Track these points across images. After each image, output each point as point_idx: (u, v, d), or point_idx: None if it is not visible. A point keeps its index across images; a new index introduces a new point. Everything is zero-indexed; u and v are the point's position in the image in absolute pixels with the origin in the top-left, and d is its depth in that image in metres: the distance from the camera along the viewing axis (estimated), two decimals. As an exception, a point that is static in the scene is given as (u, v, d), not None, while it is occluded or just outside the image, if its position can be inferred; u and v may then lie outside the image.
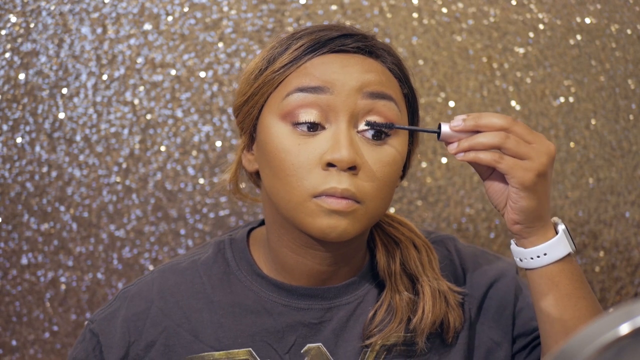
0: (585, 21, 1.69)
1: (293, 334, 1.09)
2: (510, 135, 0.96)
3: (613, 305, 1.72)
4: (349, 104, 1.00)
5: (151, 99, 1.63)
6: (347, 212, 1.00)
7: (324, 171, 0.99)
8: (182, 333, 1.09)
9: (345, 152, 0.98)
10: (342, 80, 1.00)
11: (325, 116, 1.00)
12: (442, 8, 1.66)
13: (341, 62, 1.02)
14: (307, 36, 1.04)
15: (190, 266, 1.14)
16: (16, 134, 1.62)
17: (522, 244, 1.02)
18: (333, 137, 1.00)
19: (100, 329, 1.11)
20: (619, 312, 0.60)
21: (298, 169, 1.00)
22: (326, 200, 0.99)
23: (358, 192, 1.00)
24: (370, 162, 1.01)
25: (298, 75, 1.02)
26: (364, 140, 1.01)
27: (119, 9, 1.62)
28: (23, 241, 1.63)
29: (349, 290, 1.12)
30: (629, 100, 1.70)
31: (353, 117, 1.01)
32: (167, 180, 1.64)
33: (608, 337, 0.59)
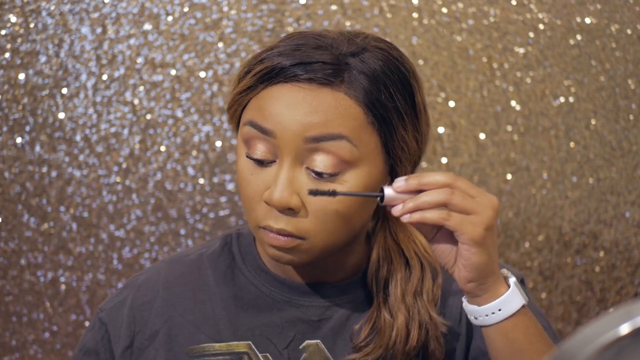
0: (586, 21, 1.69)
1: (292, 329, 1.10)
2: (455, 191, 0.94)
3: (613, 305, 1.72)
4: (291, 147, 0.99)
5: (151, 99, 1.63)
6: (287, 247, 1.01)
7: (267, 206, 1.01)
8: (184, 324, 1.10)
9: (277, 196, 0.98)
10: (283, 124, 0.99)
11: (274, 153, 1.01)
12: (442, 8, 1.66)
13: (288, 99, 0.99)
14: (267, 61, 1.02)
15: (197, 258, 1.15)
16: (16, 134, 1.62)
17: (475, 302, 1.01)
18: (275, 176, 1.00)
19: (108, 318, 1.13)
20: (619, 312, 0.60)
21: (248, 199, 1.02)
22: (267, 235, 1.01)
23: (296, 230, 1.00)
24: (315, 201, 0.99)
25: (254, 105, 1.02)
26: (310, 177, 1.00)
27: (118, 9, 1.62)
28: (23, 241, 1.63)
29: (350, 289, 1.12)
30: (629, 100, 1.70)
31: (298, 158, 0.99)
32: (167, 180, 1.64)
33: (608, 337, 0.59)
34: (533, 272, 1.69)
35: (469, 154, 1.67)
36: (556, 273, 1.70)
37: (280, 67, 1.00)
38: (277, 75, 1.00)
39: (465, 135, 1.67)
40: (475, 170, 1.68)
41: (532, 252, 1.70)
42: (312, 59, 1.00)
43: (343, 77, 1.00)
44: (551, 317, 1.70)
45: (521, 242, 1.69)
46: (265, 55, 1.02)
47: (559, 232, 1.69)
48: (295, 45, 1.02)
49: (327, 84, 0.99)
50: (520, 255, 1.69)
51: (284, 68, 1.00)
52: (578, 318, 1.72)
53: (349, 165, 1.00)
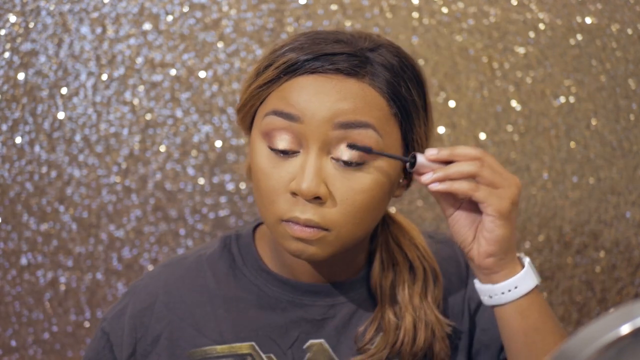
0: (586, 21, 1.69)
1: (296, 329, 1.10)
2: (484, 165, 0.97)
3: (613, 306, 1.72)
4: (319, 134, 0.99)
5: (151, 99, 1.63)
6: (312, 239, 1.00)
7: (292, 197, 1.00)
8: (185, 327, 1.10)
9: (306, 185, 0.98)
10: (312, 110, 0.98)
11: (299, 142, 1.00)
12: (442, 8, 1.66)
13: (316, 88, 0.99)
14: (290, 53, 1.02)
15: (196, 261, 1.15)
16: (16, 134, 1.62)
17: (491, 280, 1.02)
18: (301, 165, 0.99)
19: (110, 327, 1.13)
20: (619, 312, 0.60)
21: (270, 192, 1.01)
22: (292, 227, 1.00)
23: (323, 221, 1.00)
24: (341, 190, 1.00)
25: (276, 96, 1.01)
26: (337, 167, 1.00)
27: (118, 8, 1.62)
28: (23, 241, 1.63)
29: (353, 288, 1.12)
30: (629, 100, 1.69)
31: (325, 146, 0.99)
32: (166, 180, 1.64)
33: (608, 337, 0.59)
34: (533, 272, 1.69)
35: (469, 154, 1.67)
36: (556, 273, 1.70)
37: (305, 59, 1.00)
38: (301, 67, 1.00)
39: (466, 135, 1.67)
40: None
41: (532, 252, 1.70)
42: (336, 50, 1.01)
43: (366, 69, 1.01)
44: (551, 318, 1.70)
45: (521, 242, 1.69)
46: (287, 49, 1.02)
47: (559, 232, 1.69)
48: (314, 40, 1.03)
49: (353, 75, 1.00)
50: (521, 255, 1.69)
51: (309, 60, 1.00)
52: (578, 318, 1.71)
53: (373, 155, 1.00)
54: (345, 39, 1.04)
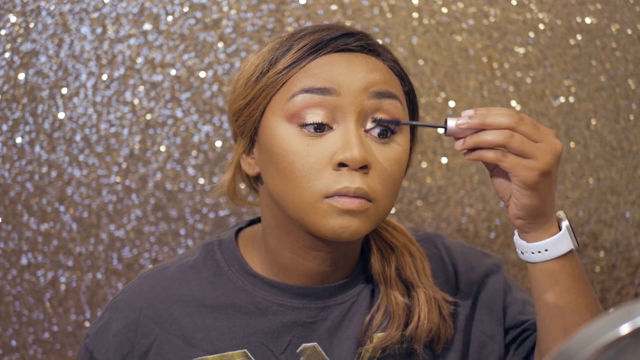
0: (586, 21, 1.69)
1: (288, 333, 1.08)
2: (515, 134, 0.96)
3: (613, 306, 1.72)
4: (356, 104, 1.00)
5: (151, 99, 1.63)
6: (360, 211, 0.99)
7: (336, 171, 0.99)
8: (173, 340, 1.08)
9: (357, 152, 0.98)
10: (348, 81, 1.00)
11: (333, 117, 1.00)
12: (442, 8, 1.66)
13: (346, 62, 1.02)
14: (309, 36, 1.03)
15: (178, 270, 1.12)
16: (16, 134, 1.62)
17: (524, 238, 1.02)
18: (343, 137, 0.99)
19: (93, 344, 1.10)
20: (619, 312, 0.60)
21: (308, 170, 0.99)
22: (339, 200, 0.99)
23: (370, 190, 1.00)
24: (380, 161, 1.01)
25: (302, 77, 1.01)
26: (371, 139, 1.01)
27: (118, 9, 1.62)
28: (23, 241, 1.63)
29: (343, 289, 1.12)
30: (629, 100, 1.70)
31: (360, 117, 1.01)
32: (167, 180, 1.64)
33: (608, 337, 0.59)
34: (533, 272, 1.69)
35: (469, 154, 1.67)
36: (556, 273, 1.70)
37: (330, 37, 1.03)
38: (326, 45, 1.03)
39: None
40: (475, 170, 1.68)
41: (532, 252, 1.70)
42: (354, 30, 1.06)
43: (379, 52, 1.06)
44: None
45: (521, 242, 1.69)
46: (302, 34, 1.04)
47: (559, 232, 1.69)
48: (326, 25, 1.07)
49: (372, 54, 1.05)
50: (521, 255, 1.69)
51: (335, 37, 1.03)
52: (578, 318, 1.72)
53: (398, 129, 1.03)
54: (351, 27, 1.08)
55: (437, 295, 1.11)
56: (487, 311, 1.16)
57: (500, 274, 1.19)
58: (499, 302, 1.16)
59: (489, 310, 1.16)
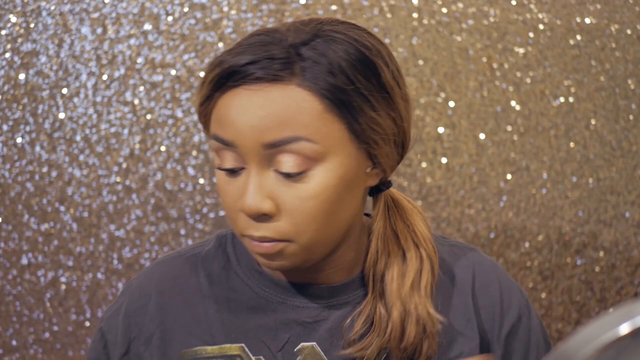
0: (585, 21, 1.69)
1: (287, 331, 1.07)
2: None
3: (613, 305, 1.72)
4: (254, 155, 0.97)
5: (151, 99, 1.63)
6: (273, 253, 0.99)
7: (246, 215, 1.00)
8: (177, 328, 1.09)
9: (248, 203, 0.96)
10: (241, 133, 0.96)
11: (242, 159, 0.99)
12: (442, 8, 1.66)
13: (240, 106, 0.97)
14: (218, 68, 0.99)
15: (191, 260, 1.13)
16: (16, 134, 1.62)
17: None
18: (244, 183, 0.99)
19: (106, 327, 1.12)
20: (619, 312, 0.60)
21: (228, 210, 1.01)
22: (252, 244, 1.00)
23: (278, 234, 0.98)
24: (289, 201, 0.97)
25: (214, 117, 1.00)
26: (279, 179, 0.97)
27: (119, 9, 1.62)
28: (23, 241, 1.63)
29: (347, 289, 1.10)
30: (628, 100, 1.70)
31: (263, 162, 0.97)
32: (167, 180, 1.64)
33: (608, 337, 0.59)
34: (533, 272, 1.69)
35: (469, 154, 1.67)
36: (556, 273, 1.70)
37: (230, 71, 0.97)
38: (227, 79, 0.97)
39: (465, 135, 1.67)
40: (475, 170, 1.68)
41: (532, 252, 1.70)
42: (260, 56, 0.96)
43: (293, 70, 0.96)
44: (551, 317, 1.71)
45: (521, 242, 1.69)
46: (215, 63, 1.00)
47: (558, 232, 1.69)
48: (246, 45, 0.99)
49: (277, 80, 0.96)
50: (520, 255, 1.69)
51: (233, 71, 0.97)
52: (578, 318, 1.72)
53: (314, 161, 0.96)
54: (277, 38, 0.99)
55: (422, 312, 1.06)
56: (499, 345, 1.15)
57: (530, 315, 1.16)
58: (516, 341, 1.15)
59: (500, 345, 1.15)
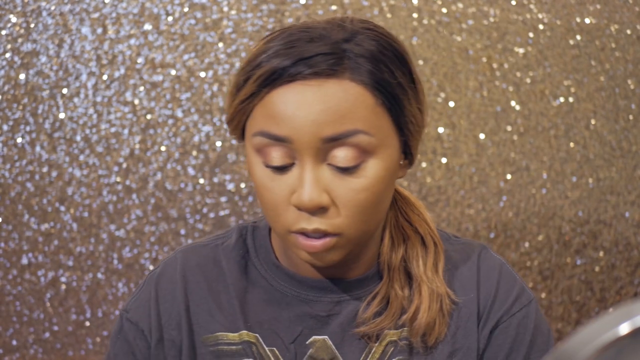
0: (585, 21, 1.69)
1: (300, 324, 1.10)
2: None
3: (613, 305, 1.72)
4: (310, 149, 0.98)
5: (151, 99, 1.63)
6: (325, 249, 1.01)
7: (297, 210, 1.00)
8: (200, 313, 1.12)
9: (306, 198, 0.97)
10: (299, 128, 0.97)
11: (292, 155, 0.99)
12: (442, 8, 1.66)
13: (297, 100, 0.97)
14: (265, 64, 0.99)
15: (213, 249, 1.16)
16: (16, 134, 1.62)
17: None
18: (299, 178, 0.99)
19: (137, 316, 1.13)
20: (618, 312, 0.60)
21: (275, 206, 1.01)
22: (300, 241, 1.00)
23: (331, 227, 0.99)
24: (343, 194, 0.99)
25: (261, 113, 1.00)
26: (334, 172, 0.99)
27: (119, 9, 1.62)
28: (23, 241, 1.63)
29: (360, 285, 1.12)
30: (628, 100, 1.70)
31: (319, 156, 0.98)
32: (167, 180, 1.64)
33: (608, 337, 0.59)
34: (533, 272, 1.69)
35: (469, 154, 1.67)
36: (556, 273, 1.70)
37: (282, 67, 0.98)
38: (279, 76, 0.98)
39: (465, 135, 1.67)
40: (475, 170, 1.68)
41: (531, 252, 1.70)
42: (311, 52, 0.98)
43: (345, 65, 0.98)
44: (551, 317, 1.71)
45: (521, 242, 1.70)
46: (261, 59, 1.00)
47: (558, 232, 1.69)
48: (289, 43, 1.00)
49: (332, 75, 0.97)
50: (520, 255, 1.69)
51: (286, 67, 0.98)
52: (578, 318, 1.72)
53: (368, 154, 0.99)
54: (319, 34, 1.00)
55: (441, 290, 1.11)
56: (498, 345, 1.15)
57: (531, 316, 1.17)
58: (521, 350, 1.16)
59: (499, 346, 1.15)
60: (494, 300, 1.15)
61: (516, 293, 1.15)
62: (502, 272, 1.16)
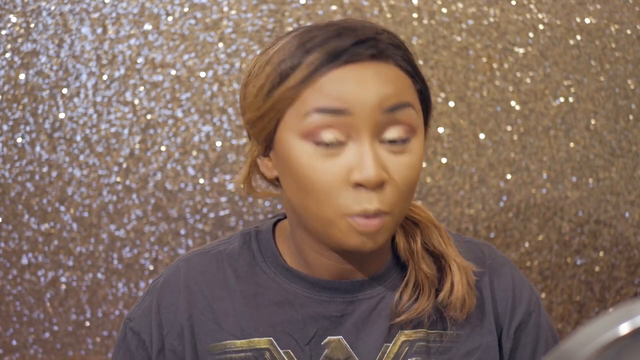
0: (585, 21, 1.69)
1: (314, 325, 1.10)
2: None
3: (613, 305, 1.72)
4: (370, 122, 1.00)
5: (151, 99, 1.63)
6: (378, 229, 1.01)
7: (354, 190, 1.00)
8: (205, 321, 1.12)
9: (372, 172, 0.98)
10: (360, 99, 0.99)
11: (347, 133, 1.00)
12: (442, 8, 1.66)
13: (357, 77, 1.00)
14: (318, 48, 1.01)
15: (216, 257, 1.16)
16: (16, 134, 1.62)
17: None
18: (357, 154, 1.00)
19: (139, 326, 1.14)
20: (618, 312, 0.60)
21: (327, 188, 1.00)
22: (358, 223, 1.00)
23: (387, 206, 1.01)
24: (395, 172, 1.01)
25: (314, 94, 1.00)
26: (387, 150, 1.01)
27: (119, 9, 1.62)
28: (23, 241, 1.63)
29: (372, 284, 1.13)
30: (628, 100, 1.70)
31: (375, 132, 1.00)
32: (167, 180, 1.64)
33: (608, 337, 0.59)
34: (533, 272, 1.69)
35: (469, 154, 1.67)
36: (556, 273, 1.70)
37: (342, 49, 1.00)
38: (336, 59, 1.00)
39: (465, 135, 1.67)
40: (475, 170, 1.68)
41: (531, 252, 1.70)
42: (365, 36, 1.02)
43: (388, 52, 1.03)
44: (551, 317, 1.71)
45: (521, 242, 1.70)
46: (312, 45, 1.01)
47: (558, 232, 1.69)
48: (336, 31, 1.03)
49: (383, 59, 1.02)
50: (520, 255, 1.69)
51: (345, 49, 1.00)
52: (578, 318, 1.72)
53: (413, 132, 1.03)
54: (359, 26, 1.05)
55: (465, 264, 1.13)
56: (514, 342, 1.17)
57: (541, 316, 1.20)
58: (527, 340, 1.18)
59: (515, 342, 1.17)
60: (513, 301, 1.17)
61: (528, 293, 1.18)
62: (513, 271, 1.20)
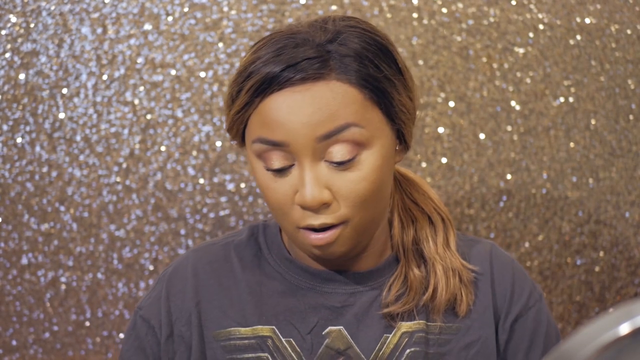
0: (585, 21, 1.69)
1: (315, 315, 1.13)
2: None
3: (613, 305, 1.72)
4: (307, 150, 1.02)
5: (151, 99, 1.63)
6: (332, 242, 1.05)
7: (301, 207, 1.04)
8: (211, 309, 1.15)
9: (309, 198, 1.02)
10: (293, 131, 1.01)
11: (291, 157, 1.03)
12: (442, 8, 1.66)
13: (289, 105, 1.01)
14: (257, 73, 1.03)
15: (224, 247, 1.20)
16: (16, 134, 1.62)
17: None
18: (299, 178, 1.03)
19: (149, 313, 1.18)
20: (619, 312, 0.60)
21: (281, 205, 1.05)
22: (310, 237, 1.05)
23: (337, 218, 1.04)
24: (342, 187, 1.03)
25: (256, 120, 1.04)
26: (332, 167, 1.03)
27: (119, 9, 1.62)
28: (23, 241, 1.63)
29: (372, 276, 1.15)
30: (629, 100, 1.70)
31: (316, 155, 1.02)
32: (167, 180, 1.64)
33: (608, 337, 0.59)
34: (533, 272, 1.69)
35: (469, 154, 1.67)
36: (556, 273, 1.70)
37: (272, 76, 1.02)
38: (269, 85, 1.02)
39: (465, 135, 1.67)
40: (475, 170, 1.68)
41: (531, 252, 1.70)
42: (297, 59, 1.02)
43: (330, 66, 1.02)
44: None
45: (521, 242, 1.70)
46: (251, 69, 1.04)
47: (558, 232, 1.69)
48: (276, 51, 1.03)
49: (319, 77, 1.02)
50: (520, 255, 1.69)
51: (275, 76, 1.02)
52: (578, 318, 1.72)
53: (362, 146, 1.03)
54: (303, 38, 1.04)
55: (456, 264, 1.14)
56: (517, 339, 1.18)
57: (543, 313, 1.21)
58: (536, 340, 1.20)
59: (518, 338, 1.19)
60: (511, 295, 1.19)
61: (529, 288, 1.20)
62: (514, 268, 1.21)
